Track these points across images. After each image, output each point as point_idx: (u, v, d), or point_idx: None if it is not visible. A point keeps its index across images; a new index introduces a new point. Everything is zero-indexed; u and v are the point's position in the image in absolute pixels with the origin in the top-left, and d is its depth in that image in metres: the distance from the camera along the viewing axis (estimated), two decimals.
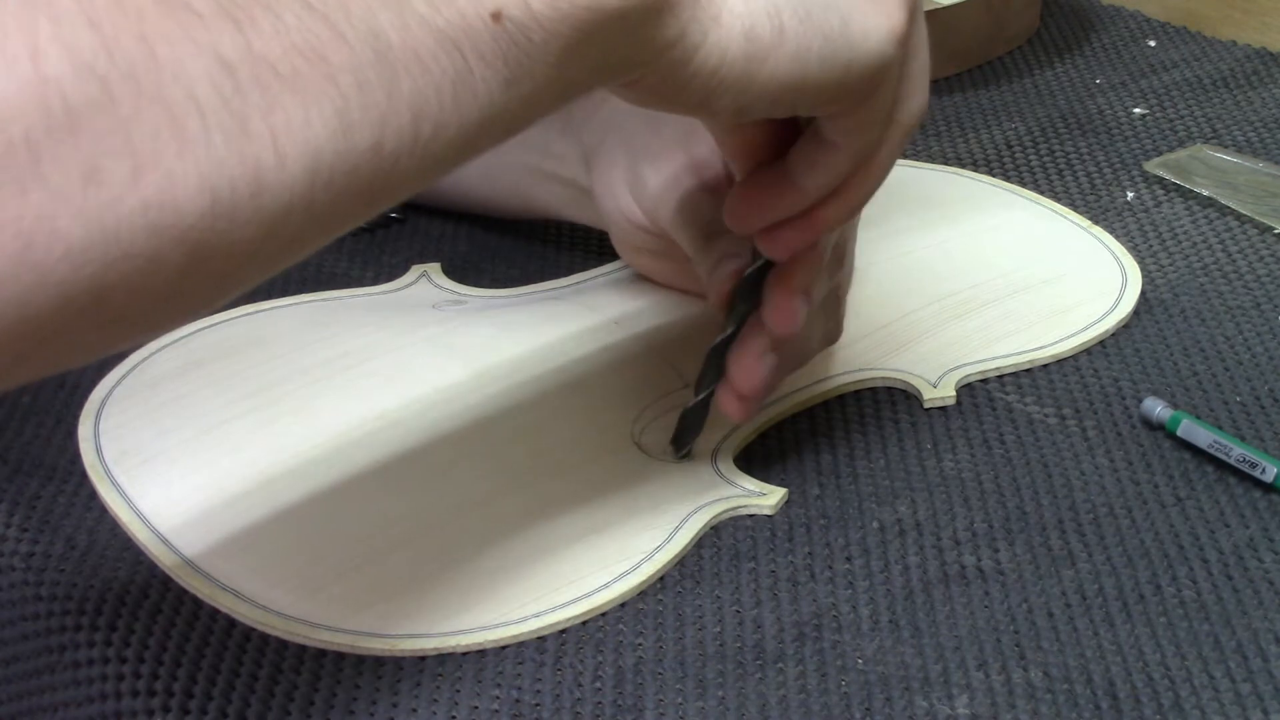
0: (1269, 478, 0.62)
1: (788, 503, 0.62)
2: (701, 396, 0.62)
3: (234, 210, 0.40)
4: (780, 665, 0.55)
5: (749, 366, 0.60)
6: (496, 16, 0.43)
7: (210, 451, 0.62)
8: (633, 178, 0.66)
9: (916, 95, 0.55)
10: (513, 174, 0.75)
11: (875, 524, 0.61)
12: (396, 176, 0.43)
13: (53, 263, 0.38)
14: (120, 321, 0.41)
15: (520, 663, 0.55)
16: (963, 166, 0.86)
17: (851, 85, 0.51)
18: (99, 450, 0.63)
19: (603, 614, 0.57)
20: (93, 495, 0.61)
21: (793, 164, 0.55)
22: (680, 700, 0.54)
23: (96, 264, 0.39)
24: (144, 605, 0.57)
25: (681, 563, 0.59)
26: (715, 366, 0.61)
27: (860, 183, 0.55)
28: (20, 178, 0.37)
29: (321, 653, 0.55)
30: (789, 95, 0.50)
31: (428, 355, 0.67)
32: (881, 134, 0.54)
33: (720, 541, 0.60)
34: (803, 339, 0.63)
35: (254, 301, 0.73)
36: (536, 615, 0.56)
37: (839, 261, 0.64)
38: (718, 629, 0.56)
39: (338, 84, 0.41)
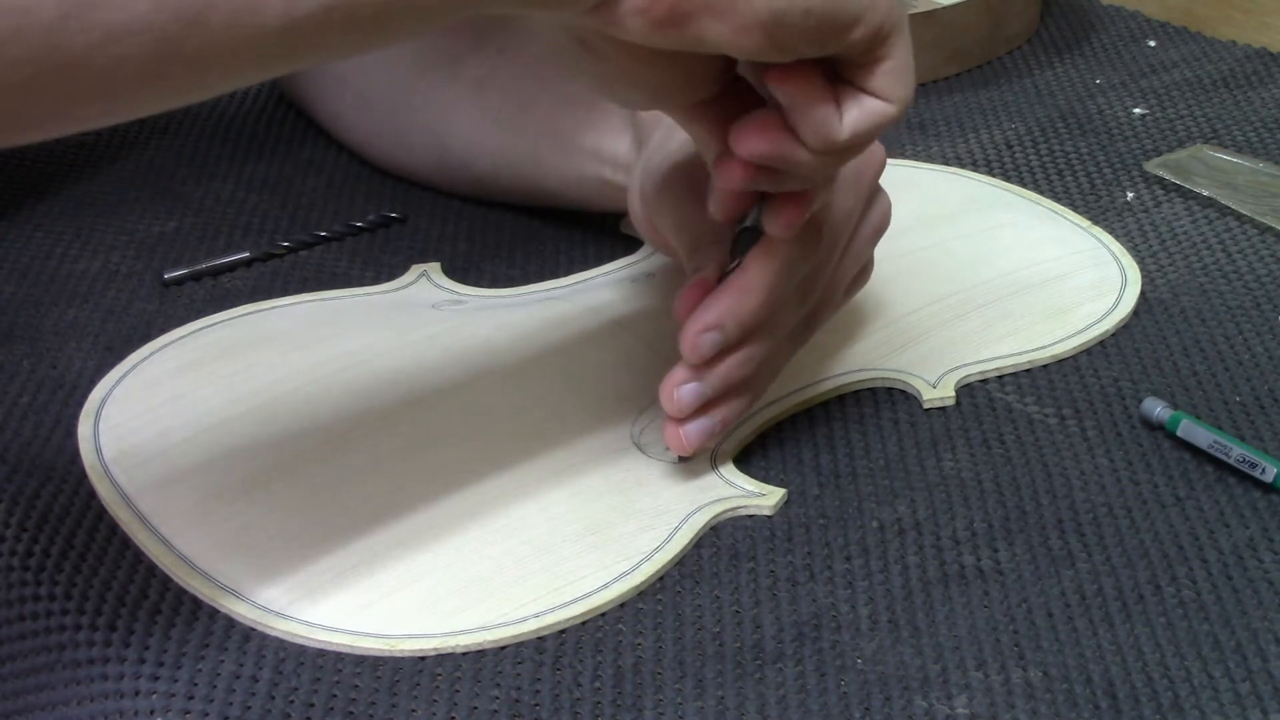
0: (1269, 478, 0.62)
1: (788, 503, 0.62)
2: None
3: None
4: (780, 665, 0.55)
5: (666, 393, 0.60)
6: None
7: (210, 451, 0.62)
8: (640, 183, 0.66)
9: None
10: (590, 184, 0.75)
11: (875, 524, 0.61)
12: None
13: None
14: None
15: (520, 663, 0.55)
16: (963, 166, 0.86)
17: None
18: (99, 450, 0.63)
19: (602, 614, 0.57)
20: (93, 495, 0.61)
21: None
22: (680, 700, 0.54)
23: None
24: (144, 605, 0.57)
25: (681, 563, 0.59)
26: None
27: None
28: None
29: (321, 653, 0.55)
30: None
31: (428, 355, 0.67)
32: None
33: (720, 541, 0.60)
34: (760, 374, 0.62)
35: (254, 301, 0.73)
36: (536, 615, 0.56)
37: (808, 292, 0.63)
38: (717, 629, 0.56)
39: None
